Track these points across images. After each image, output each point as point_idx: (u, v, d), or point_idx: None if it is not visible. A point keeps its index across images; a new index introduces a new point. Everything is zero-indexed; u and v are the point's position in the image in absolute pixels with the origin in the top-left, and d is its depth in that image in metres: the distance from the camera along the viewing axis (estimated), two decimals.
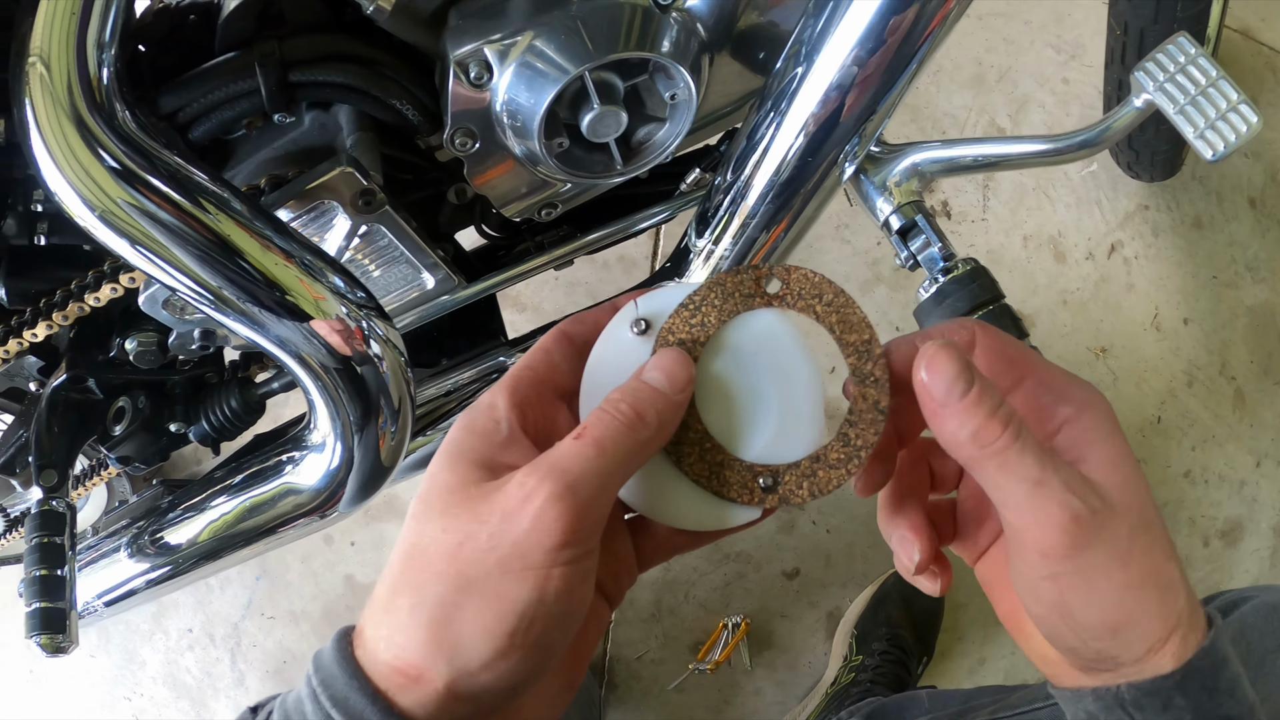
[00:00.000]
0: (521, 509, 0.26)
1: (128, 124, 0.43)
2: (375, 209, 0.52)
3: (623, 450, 0.28)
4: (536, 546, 0.26)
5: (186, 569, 0.62)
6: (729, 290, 0.32)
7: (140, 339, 0.60)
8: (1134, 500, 0.28)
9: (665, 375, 0.30)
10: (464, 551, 0.26)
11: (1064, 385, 0.30)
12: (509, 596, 0.26)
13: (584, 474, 0.27)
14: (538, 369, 0.32)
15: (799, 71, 0.50)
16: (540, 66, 0.48)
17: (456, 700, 0.26)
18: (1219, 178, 1.07)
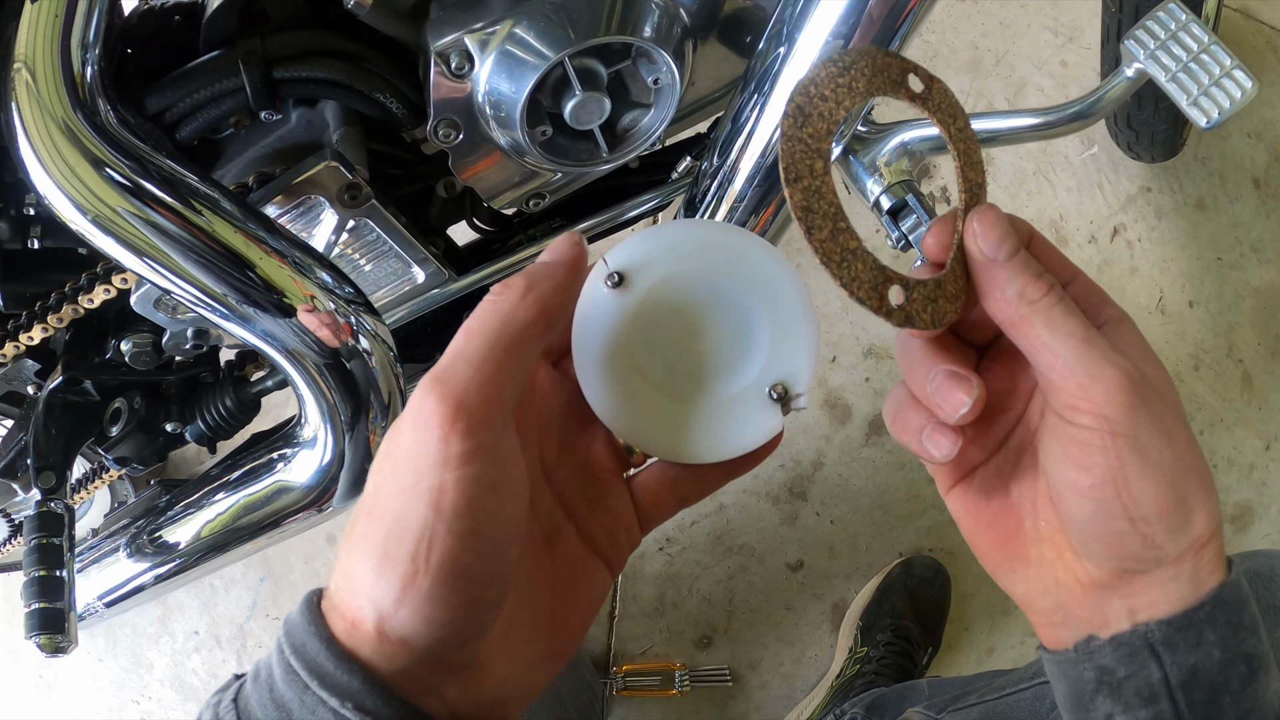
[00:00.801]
0: (405, 416, 0.25)
1: (115, 126, 0.44)
2: (361, 203, 0.52)
3: (489, 326, 0.26)
4: (421, 451, 0.24)
5: (185, 567, 0.62)
6: (879, 66, 0.30)
7: (135, 340, 0.60)
8: (1169, 390, 0.28)
9: (549, 253, 0.30)
10: (378, 482, 0.26)
11: (1102, 299, 0.31)
12: (404, 517, 0.24)
13: (453, 360, 0.26)
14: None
15: (781, 52, 0.50)
16: (521, 54, 0.48)
17: (391, 645, 0.25)
18: (1221, 158, 1.05)
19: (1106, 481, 0.27)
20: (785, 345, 0.31)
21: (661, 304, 0.31)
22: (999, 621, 0.98)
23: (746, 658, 0.96)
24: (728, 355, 0.32)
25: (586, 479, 0.32)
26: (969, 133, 0.32)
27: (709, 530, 0.98)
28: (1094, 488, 0.27)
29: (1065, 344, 0.27)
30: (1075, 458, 0.27)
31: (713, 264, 0.31)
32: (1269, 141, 1.05)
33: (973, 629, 0.97)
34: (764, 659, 0.96)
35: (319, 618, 0.26)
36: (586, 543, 0.31)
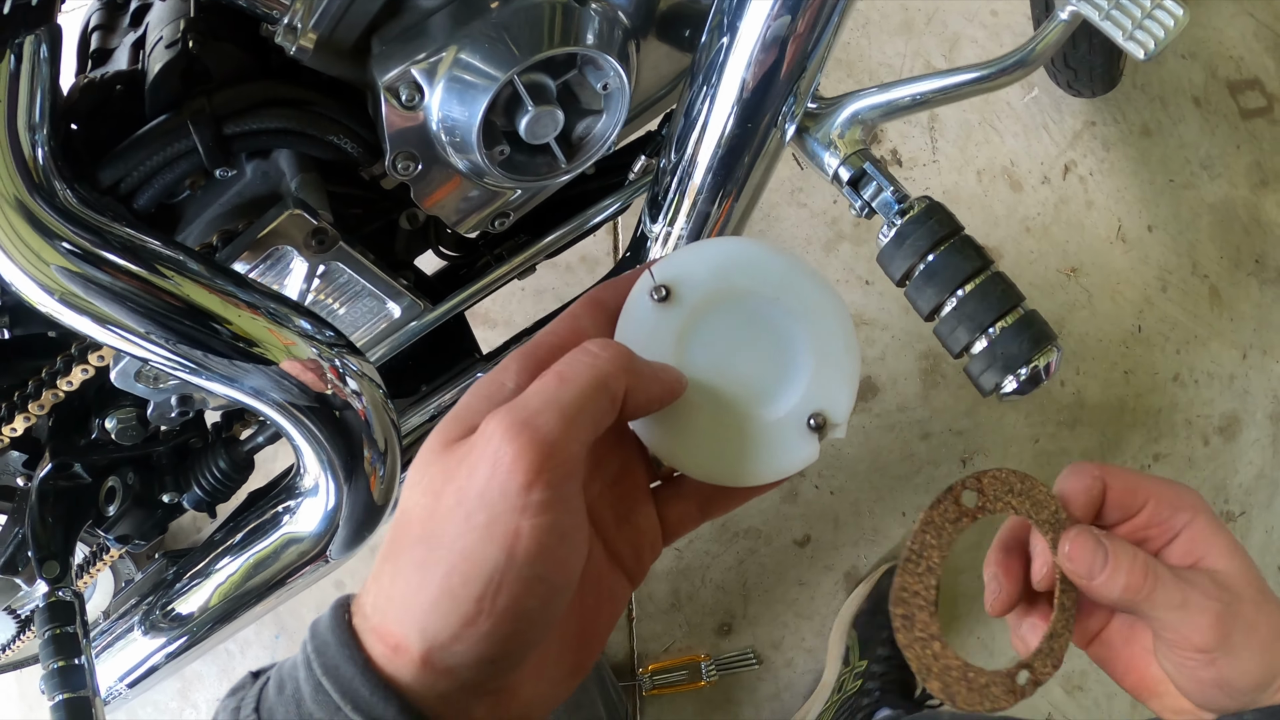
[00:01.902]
0: (479, 455, 0.25)
1: (71, 203, 0.43)
2: (329, 246, 0.52)
3: (590, 381, 0.26)
4: (500, 495, 0.24)
5: (202, 636, 0.61)
6: (938, 524, 0.34)
7: (119, 416, 0.60)
8: (1248, 577, 0.34)
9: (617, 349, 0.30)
10: (436, 510, 0.25)
11: (1175, 498, 0.36)
12: (474, 556, 0.24)
13: (543, 406, 0.25)
14: (561, 335, 0.30)
15: (724, 42, 0.50)
16: (469, 78, 0.48)
17: (434, 673, 0.25)
18: (1159, 83, 1.08)
19: (1212, 686, 0.34)
20: (826, 374, 0.32)
21: (706, 322, 0.31)
22: (997, 627, 0.98)
23: (769, 638, 0.97)
24: (768, 379, 0.32)
25: (617, 495, 0.32)
26: (1026, 485, 0.35)
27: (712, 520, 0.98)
28: (1200, 691, 0.34)
29: (1168, 614, 0.33)
30: (1186, 673, 0.34)
31: (759, 285, 0.32)
32: (1203, 60, 1.08)
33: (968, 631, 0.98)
34: (786, 637, 0.97)
35: (353, 639, 0.26)
36: (611, 557, 0.32)
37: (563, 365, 0.27)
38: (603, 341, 0.28)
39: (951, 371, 1.01)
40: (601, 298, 0.32)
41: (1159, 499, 0.36)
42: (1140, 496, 0.36)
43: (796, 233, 1.03)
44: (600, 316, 0.32)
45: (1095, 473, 0.36)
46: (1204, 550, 0.35)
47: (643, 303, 0.31)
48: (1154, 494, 0.36)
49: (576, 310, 0.31)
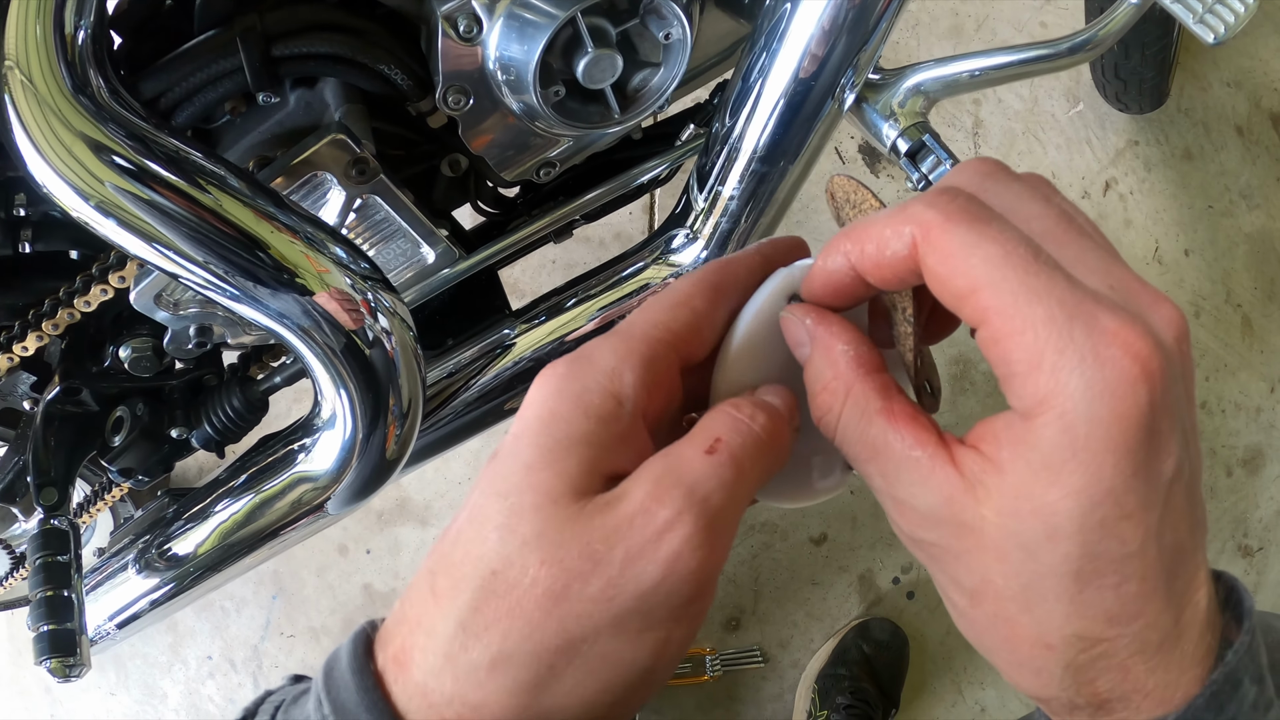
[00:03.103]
0: (650, 552, 0.20)
1: (115, 107, 0.42)
2: (370, 178, 0.50)
3: (759, 471, 0.22)
4: (664, 603, 0.20)
5: (198, 579, 0.59)
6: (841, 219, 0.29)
7: (134, 345, 0.58)
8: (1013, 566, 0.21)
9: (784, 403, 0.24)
10: (569, 598, 0.20)
11: (1033, 354, 0.20)
12: (621, 662, 0.21)
13: (724, 506, 0.21)
14: (678, 334, 0.24)
15: (787, 8, 0.49)
16: (530, 15, 0.47)
17: None
18: (1204, 109, 1.07)
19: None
20: None
21: None
22: (959, 679, 0.97)
23: (777, 637, 0.95)
24: None
25: None
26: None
27: None
28: None
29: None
30: None
31: None
32: (1248, 90, 1.07)
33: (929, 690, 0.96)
34: (794, 637, 0.95)
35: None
36: None
37: (740, 450, 0.22)
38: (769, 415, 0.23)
39: (980, 379, 0.99)
40: (720, 284, 0.26)
41: (1004, 336, 0.19)
42: (968, 308, 0.20)
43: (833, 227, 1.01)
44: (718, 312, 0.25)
45: (901, 250, 0.21)
46: (1002, 471, 0.20)
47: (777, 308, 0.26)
48: (995, 322, 0.20)
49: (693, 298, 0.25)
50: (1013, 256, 0.20)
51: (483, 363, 0.63)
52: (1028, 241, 0.20)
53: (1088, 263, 0.21)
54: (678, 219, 0.63)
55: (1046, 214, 0.22)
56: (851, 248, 0.23)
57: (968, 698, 0.97)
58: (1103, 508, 0.19)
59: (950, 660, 0.97)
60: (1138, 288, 0.21)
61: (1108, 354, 0.19)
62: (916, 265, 0.21)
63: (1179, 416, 0.20)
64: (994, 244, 0.20)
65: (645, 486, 0.21)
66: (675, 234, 0.62)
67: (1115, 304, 0.19)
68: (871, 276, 0.22)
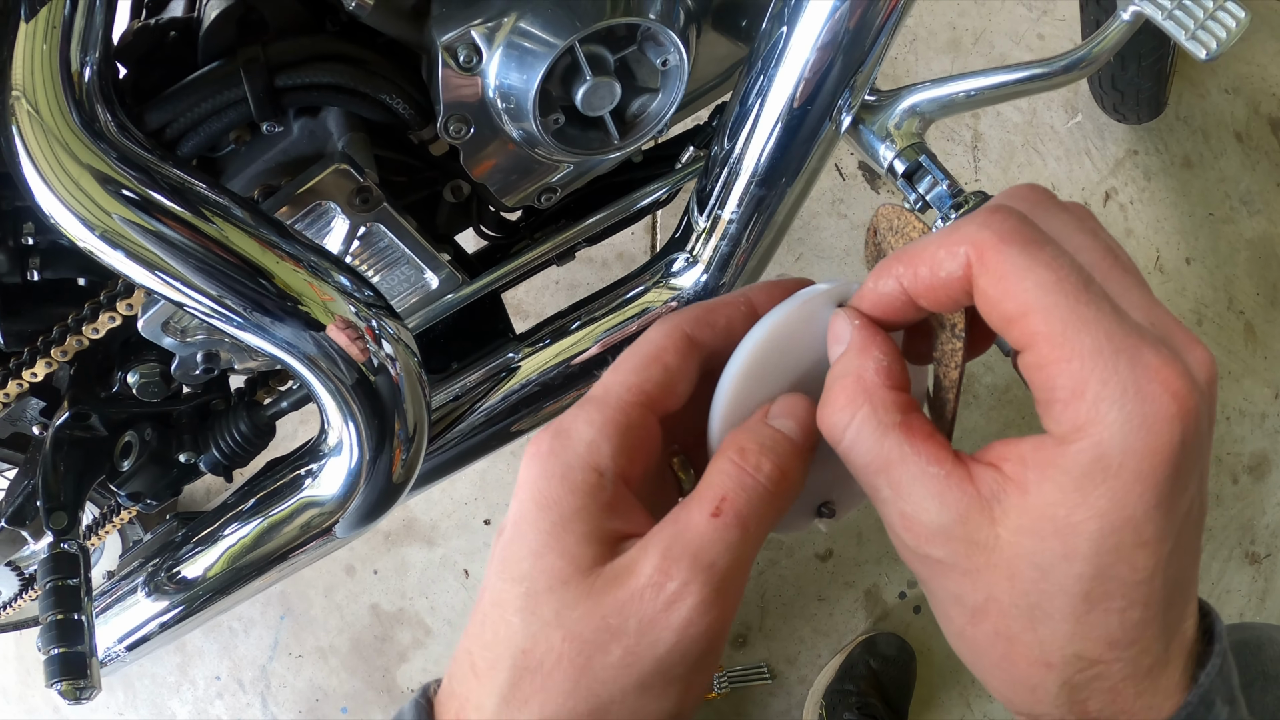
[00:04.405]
0: (662, 620, 0.21)
1: (118, 136, 0.42)
2: (373, 206, 0.51)
3: (767, 525, 0.23)
4: (680, 662, 0.22)
5: (207, 602, 0.60)
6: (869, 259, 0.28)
7: (142, 371, 0.58)
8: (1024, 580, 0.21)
9: (799, 425, 0.24)
10: (593, 668, 0.22)
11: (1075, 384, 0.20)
12: (649, 714, 0.22)
13: (731, 567, 0.22)
14: (649, 394, 0.24)
15: (784, 30, 0.50)
16: (528, 44, 0.47)
17: None
18: (1202, 116, 1.07)
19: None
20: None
21: None
22: (968, 693, 0.96)
23: (784, 653, 0.94)
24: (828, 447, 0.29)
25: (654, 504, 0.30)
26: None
27: None
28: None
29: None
30: None
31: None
32: (1246, 96, 1.07)
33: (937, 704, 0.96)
34: (801, 653, 0.95)
35: None
36: None
37: (745, 506, 0.22)
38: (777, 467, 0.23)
39: (984, 392, 0.99)
40: (696, 335, 0.25)
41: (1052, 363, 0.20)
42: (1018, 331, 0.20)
43: (836, 243, 1.02)
44: (693, 364, 0.25)
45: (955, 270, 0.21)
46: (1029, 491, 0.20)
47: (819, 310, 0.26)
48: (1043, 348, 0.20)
49: (665, 353, 0.25)
50: (1065, 284, 0.20)
51: (487, 386, 0.63)
52: (1079, 269, 0.20)
53: (1130, 298, 0.21)
54: (678, 242, 0.63)
55: (1094, 246, 0.22)
56: (904, 270, 0.23)
57: (975, 711, 0.96)
58: (1122, 533, 0.20)
59: (958, 674, 0.96)
60: (1175, 328, 0.21)
61: (1149, 389, 0.19)
62: (969, 287, 0.21)
63: (1201, 456, 0.20)
64: (1047, 269, 0.20)
65: (654, 559, 0.22)
66: (675, 258, 0.63)
67: (1157, 341, 0.20)
68: (924, 299, 0.23)
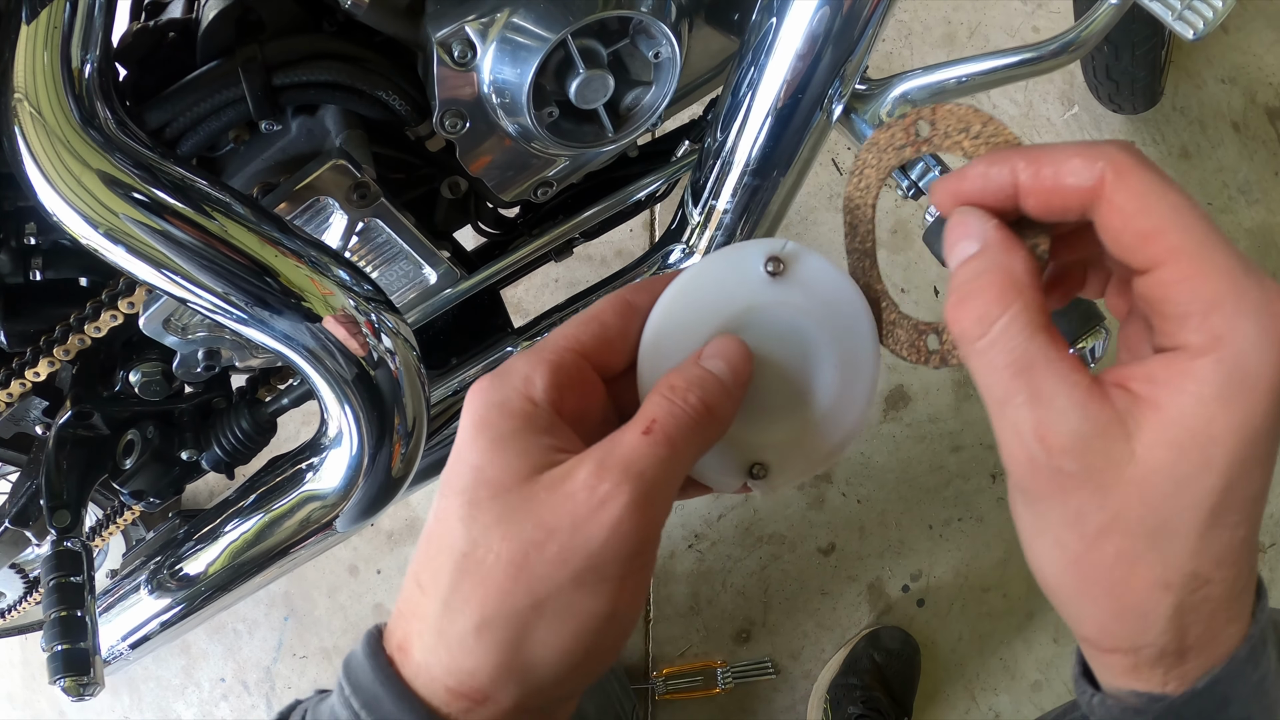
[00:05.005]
0: (594, 518, 0.24)
1: (120, 134, 0.43)
2: (371, 201, 0.51)
3: (693, 447, 0.25)
4: (613, 559, 0.24)
5: (210, 599, 0.60)
6: (882, 146, 0.30)
7: (144, 369, 0.59)
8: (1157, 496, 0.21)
9: (729, 365, 0.27)
10: (531, 565, 0.24)
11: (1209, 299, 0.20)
12: (585, 612, 0.24)
13: (660, 478, 0.24)
14: (584, 343, 0.28)
15: (773, 22, 0.50)
16: (521, 38, 0.48)
17: (522, 714, 0.25)
18: (1199, 106, 1.07)
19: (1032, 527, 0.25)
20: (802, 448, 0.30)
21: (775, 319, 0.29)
22: (973, 686, 0.96)
23: (788, 648, 0.94)
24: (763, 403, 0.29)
25: None
26: (988, 130, 0.28)
27: (737, 522, 0.96)
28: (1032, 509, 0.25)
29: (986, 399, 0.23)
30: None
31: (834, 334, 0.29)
32: (1243, 85, 1.07)
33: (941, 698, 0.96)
34: (805, 647, 0.95)
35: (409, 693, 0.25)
36: None
37: (672, 427, 0.25)
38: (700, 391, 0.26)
39: None
40: (633, 301, 0.29)
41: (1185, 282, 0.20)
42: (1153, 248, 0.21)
43: (834, 238, 1.02)
44: (629, 323, 0.29)
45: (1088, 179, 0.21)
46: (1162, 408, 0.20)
47: (749, 260, 0.29)
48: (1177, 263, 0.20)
49: (604, 313, 0.29)
50: (1196, 209, 0.21)
51: None
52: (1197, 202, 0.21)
53: None
54: (674, 234, 0.64)
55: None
56: (1025, 166, 0.23)
57: (981, 704, 0.96)
58: (1253, 447, 0.20)
59: (962, 667, 0.96)
60: None
61: (1277, 308, 0.20)
62: (1090, 200, 0.22)
63: None
64: (1180, 194, 0.21)
65: (589, 467, 0.24)
66: (672, 249, 0.63)
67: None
68: (1033, 198, 0.23)
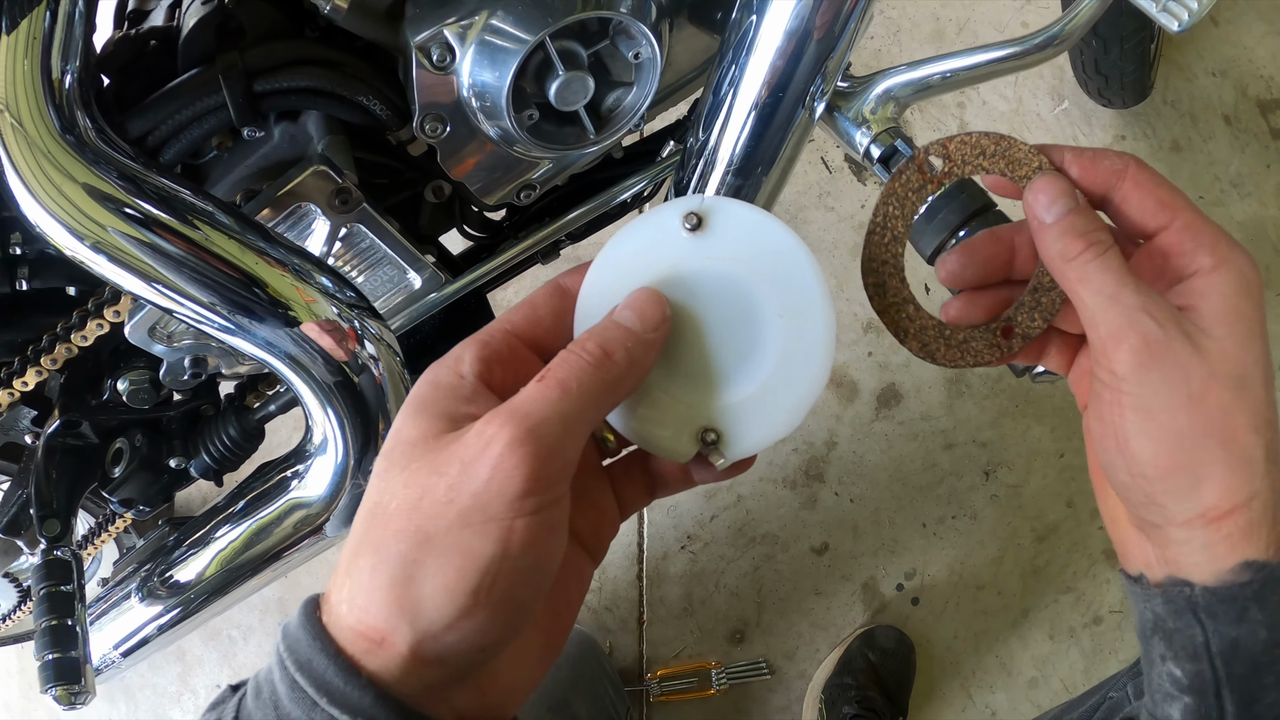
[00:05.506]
0: (480, 457, 0.25)
1: (101, 144, 0.43)
2: (353, 207, 0.51)
3: (589, 391, 0.26)
4: (497, 496, 0.25)
5: (201, 605, 0.60)
6: (901, 194, 0.31)
7: (131, 378, 0.59)
8: (1234, 355, 0.27)
9: (636, 313, 0.28)
10: (423, 505, 0.25)
11: (1210, 239, 0.29)
12: (470, 551, 0.25)
13: (546, 417, 0.25)
14: (516, 324, 0.30)
15: (753, 19, 0.50)
16: (500, 41, 0.48)
17: (423, 664, 0.25)
18: (1190, 100, 1.07)
19: (1110, 434, 0.28)
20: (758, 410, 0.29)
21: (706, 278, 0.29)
22: (969, 684, 0.96)
23: (782, 648, 0.94)
24: (711, 369, 0.29)
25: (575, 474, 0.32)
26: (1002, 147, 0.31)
27: (729, 523, 0.96)
28: (1102, 438, 0.29)
29: (1094, 299, 0.28)
30: (1095, 407, 0.29)
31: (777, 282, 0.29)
32: (1234, 78, 1.07)
33: (937, 697, 0.96)
34: (799, 647, 0.95)
35: (324, 634, 0.26)
36: (574, 537, 0.31)
37: (565, 373, 0.26)
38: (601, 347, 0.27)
39: (976, 381, 0.99)
40: (566, 284, 0.31)
41: (1189, 226, 0.29)
42: (1166, 213, 0.29)
43: (824, 236, 1.02)
44: (561, 303, 0.31)
45: (1119, 165, 0.30)
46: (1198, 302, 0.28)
47: (668, 221, 0.29)
48: (1185, 218, 0.29)
49: (536, 298, 0.31)
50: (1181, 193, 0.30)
51: None
52: None
53: None
54: None
55: None
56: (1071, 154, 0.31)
57: (977, 702, 0.96)
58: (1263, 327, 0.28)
59: (958, 665, 0.96)
60: None
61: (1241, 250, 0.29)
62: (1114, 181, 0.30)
63: None
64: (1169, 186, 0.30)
65: (484, 417, 0.26)
66: None
67: None
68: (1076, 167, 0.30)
